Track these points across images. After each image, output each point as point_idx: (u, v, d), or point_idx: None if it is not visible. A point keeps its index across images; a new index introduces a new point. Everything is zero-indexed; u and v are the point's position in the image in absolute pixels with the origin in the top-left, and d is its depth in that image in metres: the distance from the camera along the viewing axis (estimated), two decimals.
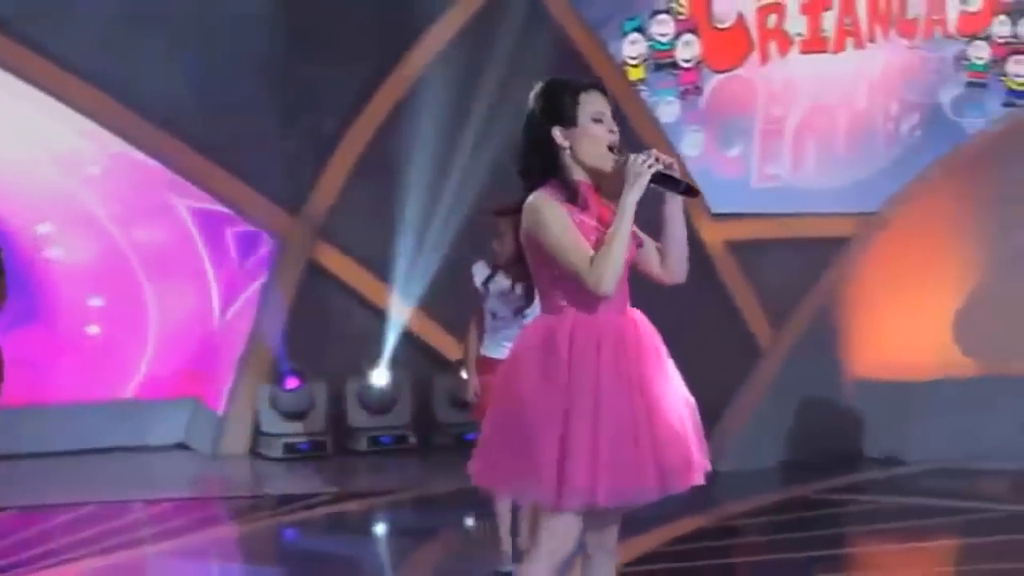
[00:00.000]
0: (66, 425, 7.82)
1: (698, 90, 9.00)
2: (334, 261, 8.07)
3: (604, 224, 3.07)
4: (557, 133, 3.04)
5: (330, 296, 8.13)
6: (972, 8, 9.71)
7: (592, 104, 3.07)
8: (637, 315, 3.16)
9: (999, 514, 6.27)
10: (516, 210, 4.83)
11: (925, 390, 7.44)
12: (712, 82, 9.02)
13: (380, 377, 7.92)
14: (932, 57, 9.62)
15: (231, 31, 7.70)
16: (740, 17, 9.13)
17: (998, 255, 7.90)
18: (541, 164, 3.05)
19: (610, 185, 3.12)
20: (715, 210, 8.53)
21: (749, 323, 8.79)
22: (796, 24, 9.25)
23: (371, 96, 8.04)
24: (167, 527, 6.10)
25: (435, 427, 8.10)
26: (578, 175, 3.09)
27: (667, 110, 8.88)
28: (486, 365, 4.87)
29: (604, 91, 3.11)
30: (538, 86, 3.13)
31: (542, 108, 3.06)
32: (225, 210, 8.00)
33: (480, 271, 5.00)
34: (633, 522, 3.22)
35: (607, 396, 2.99)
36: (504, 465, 3.06)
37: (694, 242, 3.28)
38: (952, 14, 9.67)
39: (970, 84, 9.75)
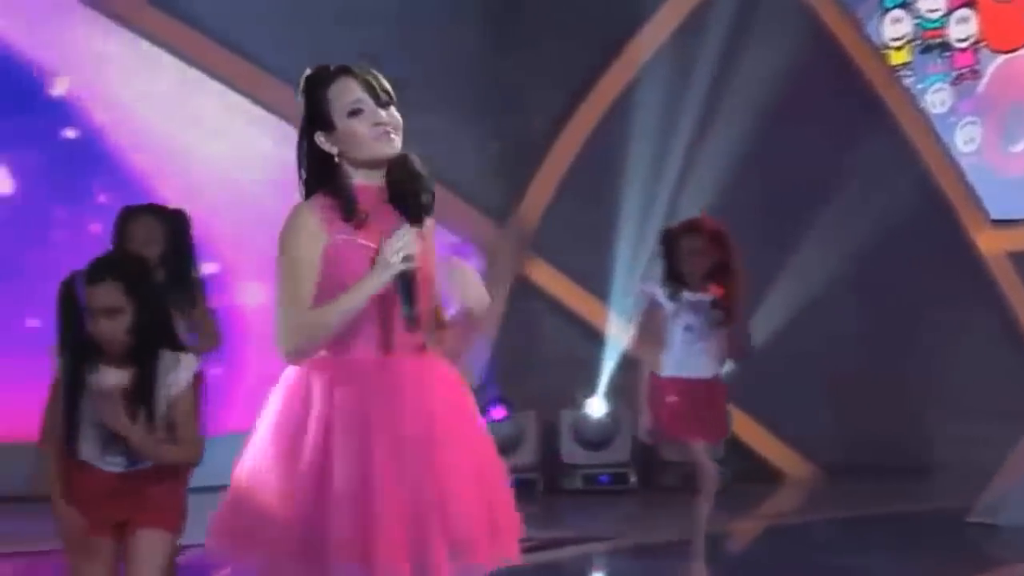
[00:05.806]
0: None
1: (975, 74, 8.39)
2: (545, 277, 7.89)
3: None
4: (321, 139, 2.69)
5: (541, 316, 7.99)
6: None
7: (343, 96, 2.67)
8: (418, 360, 2.66)
9: None
10: None
11: None
12: (993, 65, 8.37)
13: (597, 407, 7.63)
14: None
15: (433, 29, 7.62)
16: None
17: None
18: (316, 175, 2.69)
19: None
20: (995, 215, 7.93)
21: None
22: None
23: (584, 96, 7.85)
24: None
25: (658, 465, 7.65)
26: (362, 178, 2.68)
27: (937, 99, 8.38)
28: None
29: (353, 71, 2.69)
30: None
31: (304, 109, 2.71)
32: None
33: None
34: None
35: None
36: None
37: (969, 251, 2.46)
38: None
39: None
